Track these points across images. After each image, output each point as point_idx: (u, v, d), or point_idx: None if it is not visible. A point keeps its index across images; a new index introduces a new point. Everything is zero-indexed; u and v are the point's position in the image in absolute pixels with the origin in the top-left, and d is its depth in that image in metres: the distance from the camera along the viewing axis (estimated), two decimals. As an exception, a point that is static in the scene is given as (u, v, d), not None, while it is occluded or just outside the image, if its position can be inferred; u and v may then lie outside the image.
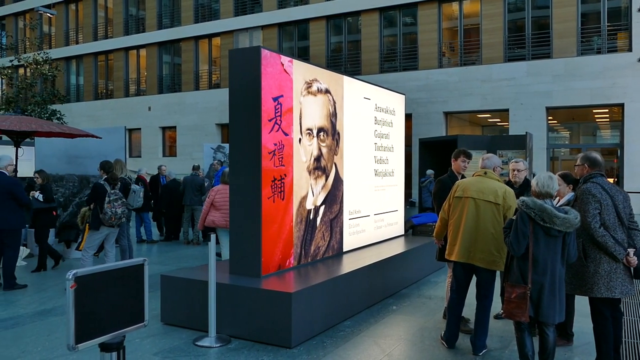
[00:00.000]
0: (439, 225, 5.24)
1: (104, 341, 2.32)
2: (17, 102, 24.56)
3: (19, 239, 7.80)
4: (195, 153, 24.49)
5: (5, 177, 7.52)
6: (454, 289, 5.01)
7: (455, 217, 4.91)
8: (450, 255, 4.94)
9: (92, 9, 30.12)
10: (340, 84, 6.97)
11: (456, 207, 4.91)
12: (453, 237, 4.91)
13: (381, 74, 21.36)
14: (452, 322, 5.00)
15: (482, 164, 5.11)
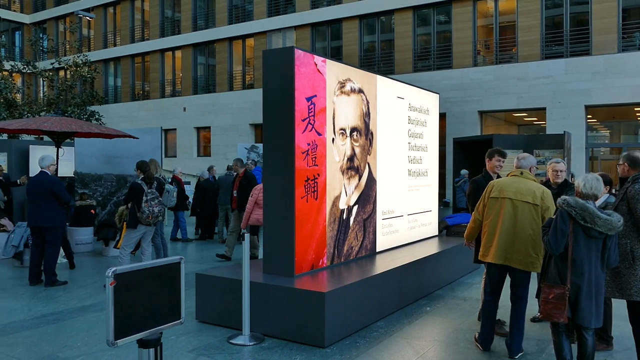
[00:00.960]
0: (472, 226, 5.14)
1: (142, 337, 2.37)
2: (58, 103, 25.25)
3: (60, 237, 8.02)
4: (229, 153, 24.73)
5: (48, 176, 7.75)
6: (488, 290, 4.93)
7: (491, 218, 4.81)
8: (485, 257, 4.85)
9: (130, 11, 30.74)
10: (373, 84, 6.94)
11: (492, 208, 4.80)
12: (489, 239, 4.81)
13: (415, 73, 21.18)
14: (487, 324, 4.91)
15: (518, 163, 4.99)
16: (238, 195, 9.68)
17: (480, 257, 4.93)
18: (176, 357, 4.70)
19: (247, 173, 9.93)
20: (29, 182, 8.01)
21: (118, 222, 8.51)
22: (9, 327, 5.62)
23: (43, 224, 7.62)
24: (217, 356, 4.76)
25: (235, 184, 9.96)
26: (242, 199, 9.45)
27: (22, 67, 25.87)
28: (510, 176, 4.93)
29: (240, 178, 9.85)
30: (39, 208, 7.61)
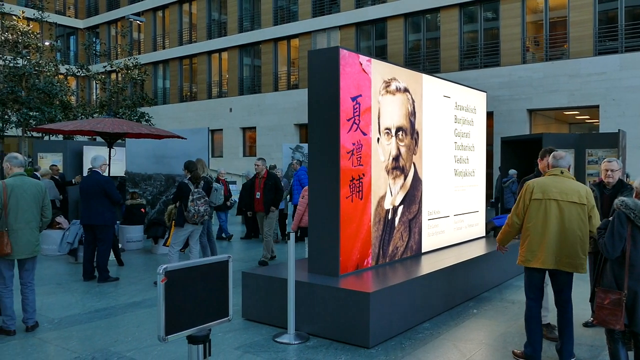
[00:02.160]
0: (508, 230, 4.77)
1: (191, 334, 2.42)
2: (110, 105, 26.08)
3: (111, 235, 8.27)
4: (274, 153, 24.96)
5: (99, 176, 8.02)
6: (532, 297, 4.64)
7: (535, 221, 4.51)
8: (528, 262, 4.54)
9: (178, 15, 31.43)
10: (419, 83, 6.87)
11: (536, 210, 4.51)
12: (534, 243, 4.51)
13: (461, 72, 20.84)
14: (536, 333, 4.59)
15: (555, 162, 4.70)
16: (265, 197, 9.17)
17: (522, 263, 4.62)
18: (223, 354, 4.77)
19: (270, 173, 9.49)
20: (81, 181, 8.30)
21: (167, 221, 8.72)
22: (64, 321, 5.84)
23: (95, 222, 7.88)
24: (263, 354, 4.81)
25: (259, 186, 9.40)
26: (269, 201, 9.10)
27: (77, 71, 26.82)
28: (550, 176, 4.67)
29: (264, 179, 9.30)
30: (91, 207, 7.87)
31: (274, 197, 9.20)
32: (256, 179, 9.49)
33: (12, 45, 24.28)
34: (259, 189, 9.34)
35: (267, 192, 9.12)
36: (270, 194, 9.11)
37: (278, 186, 9.32)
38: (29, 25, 25.20)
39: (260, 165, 9.37)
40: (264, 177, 9.29)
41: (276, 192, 9.25)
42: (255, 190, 9.43)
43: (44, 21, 26.76)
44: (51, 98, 24.24)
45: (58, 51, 33.99)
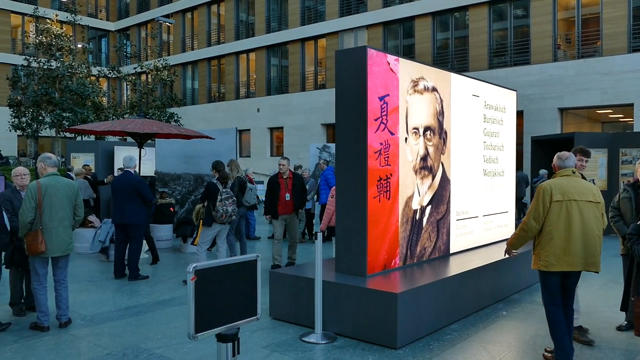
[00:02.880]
0: (523, 235, 4.54)
1: (220, 332, 2.44)
2: (140, 106, 26.51)
3: (143, 234, 8.40)
4: (302, 153, 25.03)
5: (133, 176, 8.15)
6: (553, 302, 4.50)
7: (558, 224, 4.36)
8: (552, 266, 4.37)
9: (206, 16, 31.77)
10: (447, 82, 6.81)
11: (558, 213, 4.37)
12: (557, 246, 4.36)
13: (490, 70, 20.58)
14: (565, 338, 4.45)
15: (562, 163, 4.62)
16: (295, 198, 8.66)
17: (544, 268, 4.42)
18: (250, 353, 4.81)
19: (295, 174, 8.93)
20: (114, 180, 8.43)
21: (195, 220, 8.81)
22: (96, 318, 5.95)
23: (128, 221, 8.01)
24: (290, 353, 4.83)
25: (286, 187, 8.64)
26: (299, 203, 8.72)
27: (108, 72, 27.38)
28: (563, 177, 4.56)
29: (291, 180, 8.68)
30: (124, 206, 8.00)
31: (302, 200, 8.91)
32: (281, 179, 8.69)
33: (46, 47, 24.88)
34: (287, 190, 8.67)
35: (295, 193, 8.67)
36: (299, 196, 8.72)
37: (304, 187, 9.08)
38: (62, 28, 25.77)
39: (285, 165, 8.69)
40: (290, 177, 8.70)
41: (302, 193, 8.98)
42: (281, 191, 8.67)
43: (77, 24, 27.38)
44: (83, 99, 24.79)
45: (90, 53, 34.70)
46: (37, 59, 24.72)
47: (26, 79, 25.44)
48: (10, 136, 30.87)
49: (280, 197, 8.54)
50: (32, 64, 24.90)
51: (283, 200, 8.55)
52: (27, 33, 28.78)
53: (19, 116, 24.89)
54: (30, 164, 29.20)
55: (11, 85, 25.33)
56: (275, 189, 8.59)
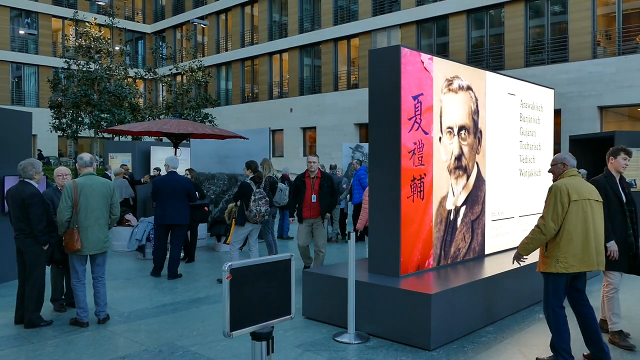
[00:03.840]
0: (542, 238, 4.37)
1: (255, 330, 2.46)
2: (175, 106, 26.95)
3: (185, 233, 8.51)
4: (334, 153, 25.03)
5: (180, 177, 8.28)
6: (561, 305, 4.45)
7: (576, 223, 4.31)
8: (572, 267, 4.31)
9: (240, 17, 32.09)
10: (482, 80, 6.71)
11: (576, 213, 4.31)
12: (577, 247, 4.30)
13: (526, 68, 20.20)
14: (597, 338, 4.47)
15: (570, 162, 4.60)
16: (322, 201, 7.76)
17: (563, 270, 4.33)
18: (284, 352, 4.83)
19: (325, 174, 8.07)
20: (159, 181, 8.37)
21: (227, 219, 8.89)
22: (133, 315, 6.08)
23: (175, 222, 8.07)
24: (323, 352, 4.83)
25: (312, 187, 7.81)
26: (326, 207, 7.81)
27: (144, 74, 27.92)
28: (571, 176, 4.51)
29: (318, 180, 7.84)
30: (172, 206, 8.02)
31: (331, 202, 7.94)
32: (307, 178, 7.88)
33: (85, 50, 25.52)
34: (313, 191, 7.81)
35: (323, 195, 7.78)
36: (327, 199, 7.82)
37: (334, 189, 8.09)
38: (100, 31, 26.40)
39: (315, 163, 7.87)
40: (318, 177, 7.86)
41: (332, 195, 7.96)
42: (307, 192, 7.81)
43: (114, 27, 27.98)
44: (121, 100, 25.34)
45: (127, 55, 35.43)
46: (76, 62, 25.39)
47: (66, 81, 26.15)
48: (51, 137, 31.81)
49: (306, 198, 7.78)
50: (72, 67, 25.58)
51: (308, 202, 7.76)
52: (67, 36, 29.60)
53: (59, 117, 25.61)
54: (69, 164, 30.02)
55: (52, 87, 26.08)
56: (300, 189, 7.87)
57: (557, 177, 4.64)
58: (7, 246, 7.16)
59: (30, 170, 5.65)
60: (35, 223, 5.48)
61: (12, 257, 5.89)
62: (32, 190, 5.55)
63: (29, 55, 34.62)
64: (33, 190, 5.56)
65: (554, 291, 4.45)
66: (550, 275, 4.41)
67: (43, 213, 5.55)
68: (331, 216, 11.84)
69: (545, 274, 4.47)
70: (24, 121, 8.61)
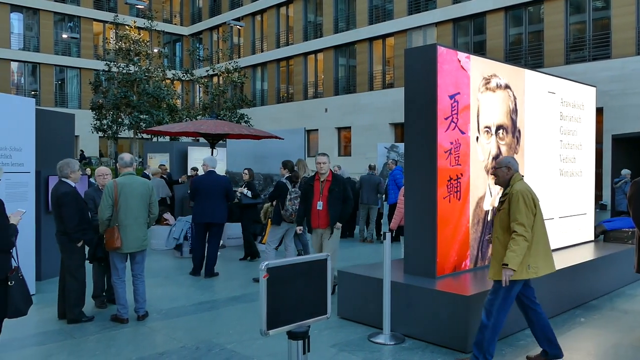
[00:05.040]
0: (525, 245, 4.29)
1: (291, 329, 2.48)
2: (212, 107, 27.32)
3: (222, 232, 8.62)
4: (369, 153, 24.95)
5: (220, 176, 8.40)
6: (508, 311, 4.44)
7: (542, 227, 4.50)
8: (540, 270, 4.41)
9: (275, 18, 32.31)
10: (521, 79, 6.59)
11: (540, 217, 4.46)
12: (543, 250, 4.46)
13: (567, 65, 19.72)
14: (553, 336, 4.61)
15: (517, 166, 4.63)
16: (331, 208, 6.61)
17: (536, 274, 4.38)
18: (319, 351, 4.84)
19: (337, 176, 6.91)
20: (198, 180, 8.49)
21: (263, 219, 8.96)
22: (171, 312, 6.19)
23: (214, 221, 8.16)
24: (358, 353, 4.83)
25: (320, 193, 6.70)
26: (335, 215, 6.62)
27: (182, 75, 28.38)
28: (522, 181, 4.53)
29: (328, 183, 6.69)
30: (211, 205, 8.10)
31: (342, 210, 6.72)
32: (317, 182, 6.77)
33: (125, 53, 26.12)
34: (321, 197, 6.67)
35: (332, 201, 6.63)
36: (337, 205, 6.66)
37: (347, 194, 6.77)
38: (139, 34, 26.98)
39: (325, 164, 6.68)
40: (329, 180, 6.72)
41: (345, 202, 6.75)
42: (315, 198, 6.71)
43: (153, 30, 28.54)
44: (159, 102, 25.84)
45: (165, 57, 36.12)
46: (116, 64, 26.00)
47: (107, 83, 26.81)
48: (92, 137, 32.67)
49: (313, 204, 6.74)
50: (112, 69, 26.21)
51: (314, 209, 6.71)
52: (108, 39, 30.37)
53: (100, 118, 26.28)
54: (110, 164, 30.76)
55: (93, 89, 26.78)
56: (308, 194, 6.84)
57: (501, 181, 4.55)
58: (52, 243, 7.38)
59: (65, 169, 5.80)
60: (67, 221, 5.62)
61: (57, 254, 6.07)
62: (65, 189, 5.68)
63: (71, 59, 35.64)
64: (66, 189, 5.69)
65: (508, 298, 4.38)
66: (508, 282, 4.26)
67: (75, 211, 5.65)
68: (368, 217, 11.82)
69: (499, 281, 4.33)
70: (67, 122, 8.88)
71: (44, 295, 6.93)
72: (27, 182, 6.99)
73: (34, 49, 34.50)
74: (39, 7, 34.15)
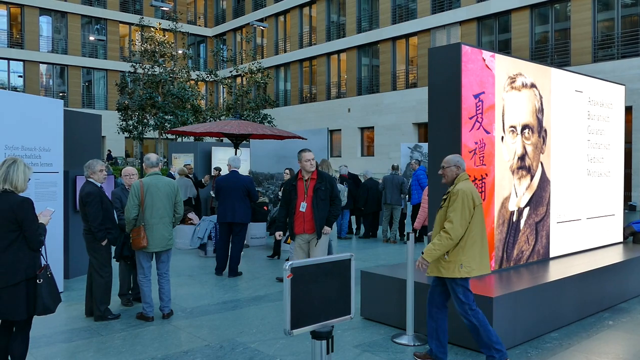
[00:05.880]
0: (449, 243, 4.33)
1: (315, 329, 2.48)
2: (236, 108, 27.50)
3: (246, 232, 8.67)
4: (393, 153, 24.84)
5: (242, 176, 8.45)
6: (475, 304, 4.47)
7: (478, 228, 4.43)
8: (473, 271, 4.37)
9: (298, 19, 32.38)
10: (547, 77, 6.49)
11: (478, 217, 4.42)
12: (478, 251, 4.42)
13: (595, 64, 19.36)
14: None
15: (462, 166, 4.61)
16: (317, 210, 5.93)
17: (468, 274, 4.36)
18: (342, 351, 4.84)
19: (322, 174, 6.17)
20: (221, 180, 8.55)
21: (287, 219, 8.98)
22: (196, 311, 6.25)
23: (237, 220, 8.20)
24: (382, 354, 4.81)
25: (304, 193, 6.00)
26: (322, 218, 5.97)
27: (206, 76, 28.62)
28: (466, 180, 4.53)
29: (313, 182, 6.01)
30: (234, 205, 8.16)
31: (330, 211, 6.06)
32: (300, 181, 6.06)
33: (151, 54, 26.45)
34: (305, 197, 5.98)
35: (318, 202, 5.94)
36: (324, 206, 5.98)
37: (335, 194, 6.09)
38: (164, 35, 27.30)
39: (310, 161, 5.93)
40: (314, 178, 6.02)
41: (332, 202, 6.08)
42: (298, 198, 6.02)
43: (178, 31, 28.85)
44: (183, 102, 26.11)
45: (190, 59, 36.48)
46: (142, 66, 26.35)
47: (132, 85, 27.18)
48: (118, 138, 33.16)
49: (296, 207, 6.03)
50: (137, 71, 26.56)
51: (298, 211, 6.01)
52: (134, 41, 30.76)
53: (126, 119, 26.66)
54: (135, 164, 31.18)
55: (119, 90, 27.18)
56: (291, 195, 6.11)
57: (449, 180, 4.51)
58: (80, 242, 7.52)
59: (86, 170, 5.90)
60: (91, 220, 5.71)
61: (84, 253, 6.18)
62: (89, 189, 5.77)
63: (98, 60, 36.23)
64: (90, 188, 5.77)
65: (464, 292, 4.40)
66: (458, 280, 4.34)
67: (99, 210, 5.73)
68: (391, 217, 11.78)
69: (451, 279, 4.38)
70: (94, 123, 9.03)
71: (72, 293, 7.06)
72: (56, 182, 7.13)
73: (62, 51, 35.17)
74: (67, 10, 34.80)
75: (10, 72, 33.56)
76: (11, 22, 33.91)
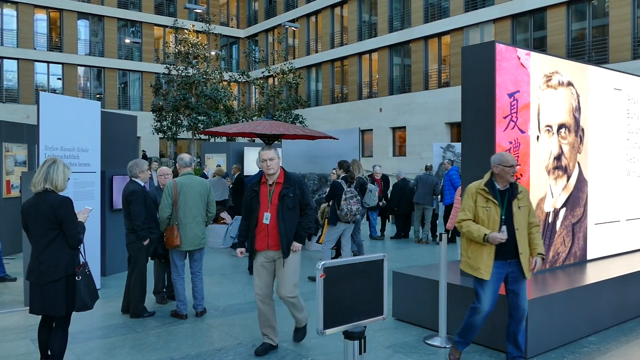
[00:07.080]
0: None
1: (347, 329, 2.48)
2: (267, 108, 27.69)
3: None
4: (424, 152, 24.64)
5: None
6: None
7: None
8: None
9: (330, 19, 32.41)
10: (584, 75, 6.34)
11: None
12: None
13: (634, 61, 18.83)
14: None
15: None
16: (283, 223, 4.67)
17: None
18: (374, 352, 4.83)
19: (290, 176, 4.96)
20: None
21: (320, 219, 9.00)
22: (228, 309, 6.32)
23: None
24: (414, 355, 4.78)
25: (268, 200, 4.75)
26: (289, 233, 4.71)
27: (238, 77, 28.89)
28: None
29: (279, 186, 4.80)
30: None
31: (300, 223, 4.80)
32: (263, 185, 4.84)
33: (184, 56, 26.85)
34: (270, 205, 4.74)
35: (284, 212, 4.70)
36: (292, 217, 4.75)
37: (306, 200, 4.86)
38: (198, 37, 27.65)
39: (273, 160, 4.76)
40: (279, 182, 4.81)
41: (302, 211, 4.84)
42: (261, 207, 4.76)
43: (211, 33, 29.20)
44: (216, 103, 26.42)
45: (222, 60, 36.88)
46: (176, 67, 26.76)
47: (167, 86, 27.62)
48: (153, 139, 33.75)
49: (258, 218, 4.77)
50: (171, 72, 26.99)
51: (260, 224, 4.75)
52: (168, 43, 31.27)
53: (160, 120, 27.12)
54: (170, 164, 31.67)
55: (154, 92, 27.66)
56: (253, 203, 4.83)
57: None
58: (119, 240, 7.68)
59: (134, 169, 6.02)
60: (134, 218, 5.82)
61: (123, 251, 6.31)
62: (133, 188, 5.89)
63: (133, 63, 36.94)
64: (134, 187, 5.90)
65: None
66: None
67: (141, 209, 5.84)
68: (423, 217, 11.67)
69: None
70: (130, 124, 9.21)
71: (108, 290, 7.22)
72: (93, 182, 7.30)
73: (99, 54, 35.98)
74: (104, 13, 35.60)
75: (50, 75, 34.50)
76: (51, 26, 34.85)
